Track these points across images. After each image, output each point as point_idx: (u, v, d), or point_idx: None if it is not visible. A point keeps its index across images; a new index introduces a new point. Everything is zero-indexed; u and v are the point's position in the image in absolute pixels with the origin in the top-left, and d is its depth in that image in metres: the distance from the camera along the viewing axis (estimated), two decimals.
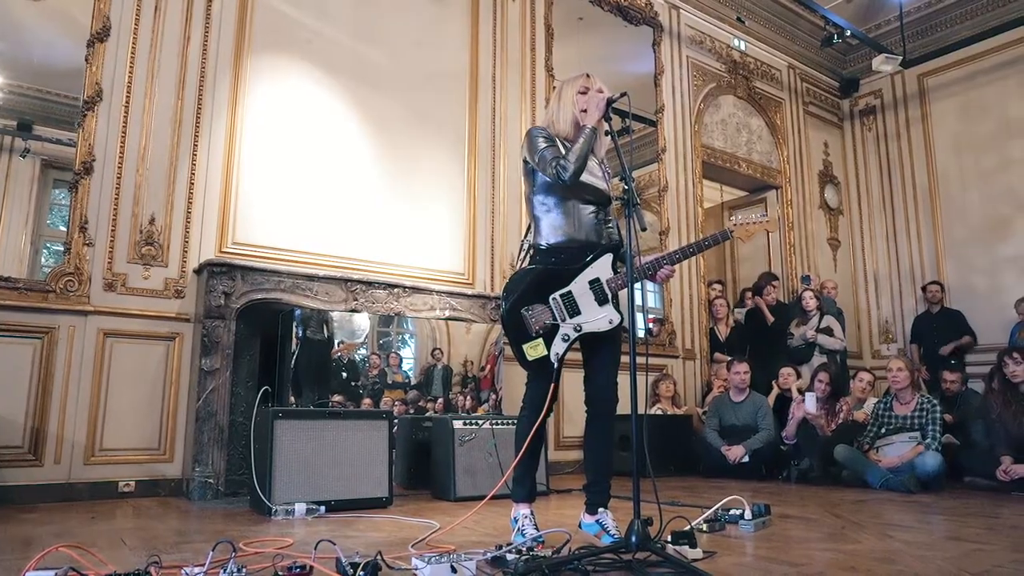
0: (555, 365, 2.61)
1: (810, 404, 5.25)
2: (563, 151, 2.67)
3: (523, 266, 2.79)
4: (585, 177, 2.68)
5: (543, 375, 2.68)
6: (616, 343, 2.74)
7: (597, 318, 2.62)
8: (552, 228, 2.72)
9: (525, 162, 2.80)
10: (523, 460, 2.74)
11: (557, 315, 2.62)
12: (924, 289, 7.86)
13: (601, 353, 2.74)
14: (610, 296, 2.64)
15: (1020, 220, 7.66)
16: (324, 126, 5.02)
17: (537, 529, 2.69)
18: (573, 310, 2.62)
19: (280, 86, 4.89)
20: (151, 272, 4.30)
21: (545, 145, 2.68)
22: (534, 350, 2.61)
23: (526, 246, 2.84)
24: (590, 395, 2.78)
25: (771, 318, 6.83)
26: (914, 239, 8.52)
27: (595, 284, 2.64)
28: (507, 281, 2.76)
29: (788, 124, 8.59)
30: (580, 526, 2.79)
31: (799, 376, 6.09)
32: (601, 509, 2.72)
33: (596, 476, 2.77)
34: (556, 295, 2.63)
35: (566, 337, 2.61)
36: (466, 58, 5.85)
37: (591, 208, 2.74)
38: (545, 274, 2.67)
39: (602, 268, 2.65)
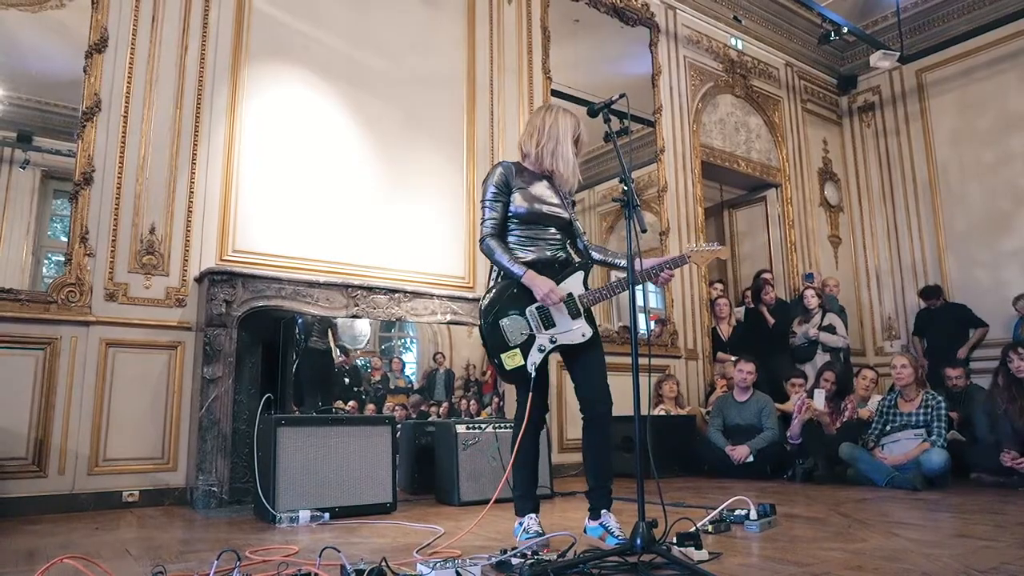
0: (532, 375, 2.71)
1: (819, 401, 5.23)
2: (498, 213, 2.83)
3: (496, 283, 2.87)
4: (545, 208, 2.86)
5: (523, 386, 2.78)
6: (596, 350, 2.83)
7: (571, 330, 2.76)
8: (519, 248, 2.85)
9: None
10: (522, 476, 2.83)
11: (534, 326, 2.74)
12: (923, 295, 7.80)
13: (583, 362, 2.83)
14: (582, 311, 2.77)
15: (1021, 214, 7.65)
16: (322, 132, 5.02)
17: (541, 529, 2.71)
18: (548, 322, 2.75)
19: (278, 93, 4.89)
20: (152, 281, 4.30)
21: (492, 197, 2.86)
22: (511, 360, 2.71)
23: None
24: (583, 402, 2.85)
25: (771, 321, 6.82)
26: (915, 235, 8.50)
27: (568, 299, 2.76)
28: (485, 295, 2.84)
29: (787, 122, 8.59)
30: (585, 531, 2.80)
31: (807, 380, 6.06)
32: (604, 512, 2.74)
33: (597, 481, 2.81)
34: (532, 307, 2.75)
35: (542, 348, 2.73)
36: (462, 62, 5.85)
37: (552, 231, 2.90)
38: (522, 287, 2.77)
39: (574, 284, 2.80)
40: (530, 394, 2.71)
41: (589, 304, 2.78)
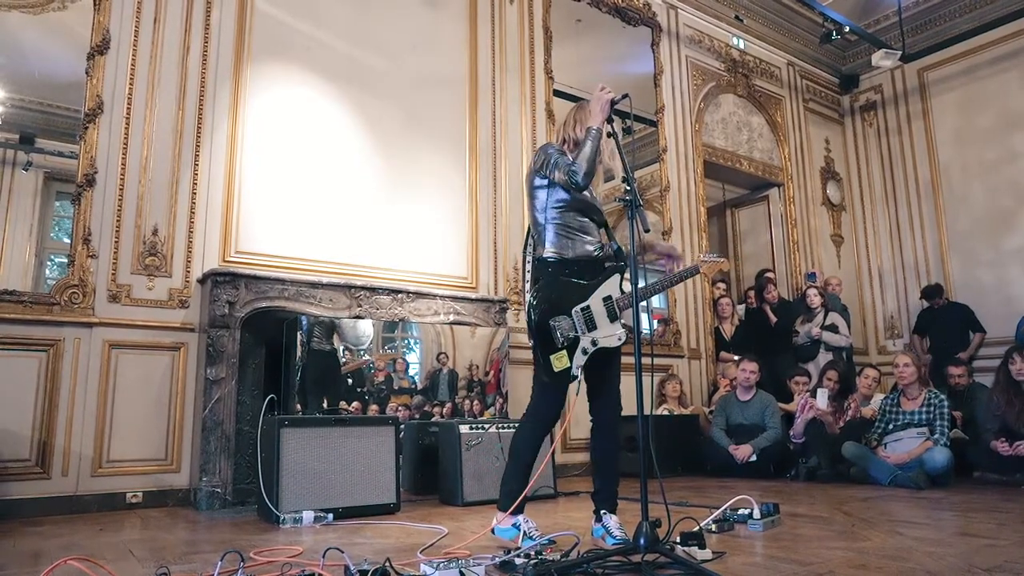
0: (578, 377, 2.69)
1: (821, 401, 5.24)
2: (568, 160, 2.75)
3: (534, 278, 2.85)
4: (591, 198, 2.84)
5: (561, 387, 2.75)
6: (619, 355, 2.85)
7: (610, 335, 2.74)
8: (567, 243, 2.80)
9: (538, 176, 2.84)
10: (522, 472, 2.80)
11: (579, 328, 2.70)
12: (925, 295, 7.75)
13: (608, 367, 2.83)
14: (619, 314, 2.76)
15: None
16: (324, 133, 5.03)
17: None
18: (591, 325, 2.71)
19: (280, 94, 4.90)
20: (155, 283, 4.31)
21: (559, 156, 2.78)
22: (559, 361, 2.68)
23: (530, 259, 2.88)
24: (596, 406, 2.86)
25: (774, 319, 6.81)
26: (918, 234, 8.49)
27: (608, 301, 2.75)
28: (536, 290, 2.79)
29: (789, 121, 8.58)
30: (592, 534, 2.82)
31: (810, 379, 6.05)
32: (604, 512, 2.77)
33: (603, 483, 2.84)
34: (577, 308, 2.71)
35: (585, 351, 2.70)
36: (465, 62, 5.85)
37: (594, 226, 2.88)
38: (569, 287, 2.75)
39: (613, 286, 2.77)
40: (575, 395, 2.72)
41: (625, 307, 2.76)
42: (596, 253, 2.83)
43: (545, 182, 2.82)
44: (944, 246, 8.22)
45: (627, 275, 2.76)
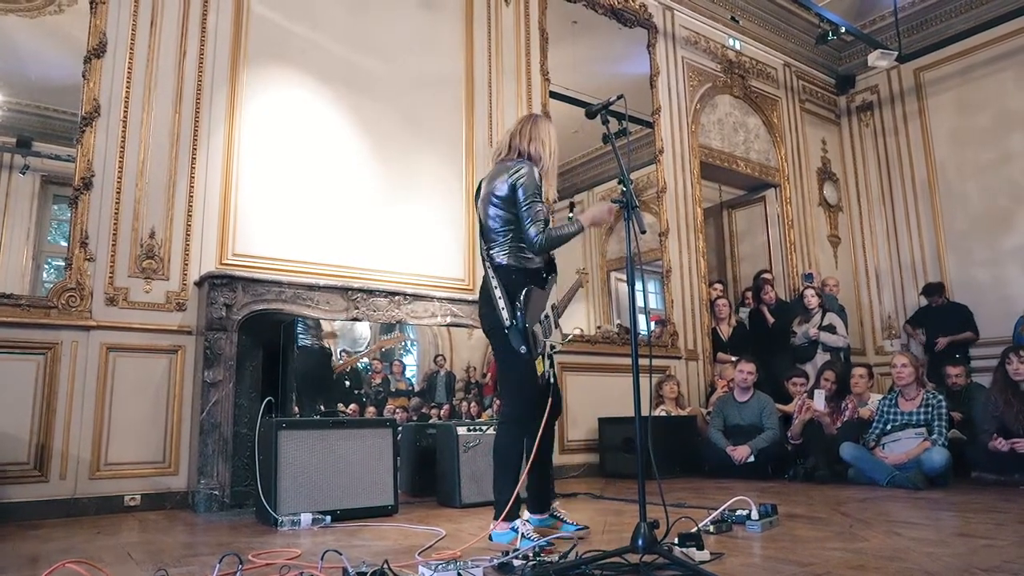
0: (552, 381, 2.85)
1: (819, 402, 5.24)
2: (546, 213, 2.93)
3: (500, 283, 2.89)
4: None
5: (536, 391, 2.88)
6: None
7: (559, 340, 3.01)
8: (523, 256, 2.94)
9: (507, 190, 2.90)
10: (513, 479, 2.85)
11: (545, 333, 2.89)
12: (925, 292, 7.76)
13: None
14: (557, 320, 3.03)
15: (1021, 212, 7.65)
16: (321, 135, 5.02)
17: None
18: (549, 331, 2.93)
19: (276, 97, 4.90)
20: (152, 286, 4.30)
21: (535, 194, 2.88)
22: (538, 365, 2.84)
23: (489, 263, 2.94)
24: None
25: (772, 320, 6.82)
26: (915, 234, 8.51)
27: (553, 308, 2.99)
28: (523, 296, 2.83)
29: (785, 122, 8.59)
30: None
31: (808, 380, 6.06)
32: (554, 505, 3.08)
33: (543, 480, 3.09)
34: (542, 316, 2.90)
35: (548, 355, 2.90)
36: (461, 64, 5.85)
37: None
38: (538, 296, 2.89)
39: (554, 296, 3.02)
40: (550, 399, 2.86)
41: (559, 315, 3.06)
42: (540, 264, 3.01)
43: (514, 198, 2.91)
44: (941, 246, 8.23)
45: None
